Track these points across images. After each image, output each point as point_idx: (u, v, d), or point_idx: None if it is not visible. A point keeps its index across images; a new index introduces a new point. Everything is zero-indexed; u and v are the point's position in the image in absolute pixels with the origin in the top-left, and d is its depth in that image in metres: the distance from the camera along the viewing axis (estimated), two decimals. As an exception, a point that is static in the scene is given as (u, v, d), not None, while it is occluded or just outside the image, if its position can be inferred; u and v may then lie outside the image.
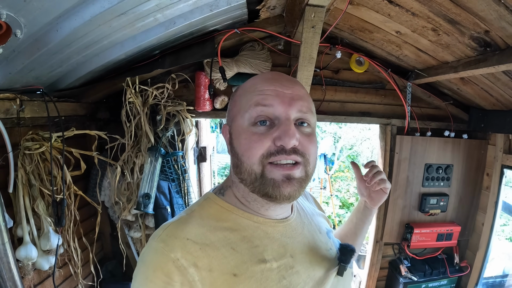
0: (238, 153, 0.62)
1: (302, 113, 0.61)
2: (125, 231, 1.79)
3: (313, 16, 1.18)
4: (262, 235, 0.64)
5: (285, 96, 0.61)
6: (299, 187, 0.60)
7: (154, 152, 1.65)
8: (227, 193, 0.69)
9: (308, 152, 0.61)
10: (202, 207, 0.67)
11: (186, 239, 0.57)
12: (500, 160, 1.73)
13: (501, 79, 1.43)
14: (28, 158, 1.26)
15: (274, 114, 0.60)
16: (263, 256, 0.61)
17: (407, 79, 1.86)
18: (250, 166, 0.59)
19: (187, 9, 1.27)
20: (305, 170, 0.61)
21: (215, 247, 0.58)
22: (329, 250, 0.73)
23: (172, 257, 0.54)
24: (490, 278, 1.88)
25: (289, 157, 0.58)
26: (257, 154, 0.59)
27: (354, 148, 6.54)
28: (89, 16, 1.05)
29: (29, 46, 1.07)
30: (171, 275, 0.53)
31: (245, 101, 0.63)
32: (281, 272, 0.61)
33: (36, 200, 1.28)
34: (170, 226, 0.61)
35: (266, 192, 0.59)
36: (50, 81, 1.39)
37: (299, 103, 0.61)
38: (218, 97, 1.81)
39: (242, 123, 0.62)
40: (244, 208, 0.66)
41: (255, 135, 0.59)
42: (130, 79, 1.61)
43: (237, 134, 0.63)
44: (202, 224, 0.61)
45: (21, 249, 1.21)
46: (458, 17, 1.15)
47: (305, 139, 0.61)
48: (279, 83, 0.62)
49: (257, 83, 0.64)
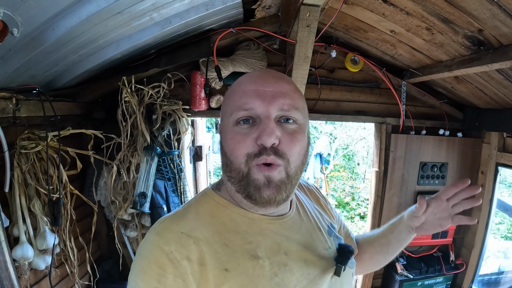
0: (227, 153, 0.63)
1: (284, 110, 0.61)
2: (121, 231, 1.79)
3: (308, 15, 1.19)
4: (256, 232, 0.64)
5: (266, 94, 0.61)
6: (278, 190, 0.60)
7: (150, 151, 1.66)
8: (223, 189, 0.69)
9: (289, 152, 0.60)
10: (199, 202, 0.68)
11: (181, 233, 0.59)
12: (495, 158, 1.75)
13: (495, 78, 1.44)
14: (24, 158, 1.26)
15: (255, 113, 0.60)
16: (256, 252, 0.61)
17: (402, 78, 1.87)
18: (238, 166, 0.60)
19: (183, 8, 1.28)
20: (285, 171, 0.60)
21: (208, 242, 0.59)
22: (328, 249, 0.72)
23: (166, 250, 0.56)
24: (486, 276, 1.90)
25: (268, 158, 0.58)
26: (242, 154, 0.60)
27: (350, 148, 6.57)
28: (85, 15, 1.05)
29: (26, 45, 1.07)
30: (165, 267, 0.54)
31: (231, 101, 0.64)
32: (274, 269, 0.61)
33: (32, 200, 1.29)
34: (166, 220, 0.62)
35: (248, 193, 0.60)
36: (46, 80, 1.39)
37: (280, 101, 0.61)
38: (214, 96, 1.82)
39: (227, 123, 0.63)
40: (238, 205, 0.67)
41: (238, 135, 0.61)
42: (126, 78, 1.61)
43: (224, 134, 0.65)
44: (197, 219, 0.62)
45: (17, 248, 1.21)
46: (451, 16, 1.16)
47: (287, 137, 0.60)
48: (262, 81, 0.63)
49: (242, 82, 0.66)
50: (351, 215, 5.25)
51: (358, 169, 6.49)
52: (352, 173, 6.44)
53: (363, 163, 6.40)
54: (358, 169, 6.49)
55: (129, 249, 1.84)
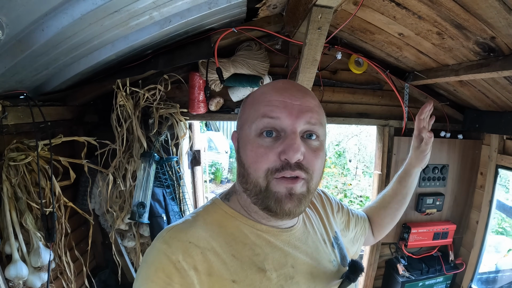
0: (245, 164, 0.61)
1: (310, 124, 0.60)
2: (118, 241, 1.70)
3: (319, 17, 1.14)
4: (264, 244, 0.64)
5: (294, 107, 0.60)
6: (298, 203, 0.59)
7: (147, 158, 1.57)
8: (232, 199, 0.69)
9: (312, 168, 0.60)
10: (207, 211, 0.67)
11: (188, 242, 0.58)
12: (495, 160, 1.76)
13: (500, 83, 1.44)
14: (13, 170, 1.16)
15: (280, 126, 0.59)
16: (263, 264, 0.61)
17: (405, 80, 1.85)
18: (256, 179, 0.59)
19: (185, 6, 1.20)
20: (307, 185, 0.60)
21: (216, 253, 0.59)
22: (333, 262, 0.72)
23: (174, 259, 0.55)
24: (484, 274, 1.94)
25: (293, 172, 0.58)
26: (263, 168, 0.58)
27: (341, 145, 6.61)
28: (79, 14, 0.96)
29: (12, 47, 0.97)
30: (172, 276, 0.54)
31: (253, 110, 0.62)
32: (280, 282, 0.61)
33: (24, 214, 1.19)
34: (174, 228, 0.61)
35: (267, 205, 0.59)
36: (35, 84, 1.28)
37: (307, 115, 0.60)
38: (213, 98, 1.74)
39: (249, 133, 0.61)
40: (247, 216, 0.66)
41: (260, 148, 0.59)
42: (120, 81, 1.51)
43: (244, 144, 0.63)
44: (205, 229, 0.62)
45: (10, 267, 1.12)
46: (466, 22, 1.13)
47: (311, 154, 0.60)
48: (288, 94, 0.61)
49: (266, 92, 0.64)
50: (343, 211, 5.29)
51: (349, 166, 6.54)
52: (343, 169, 6.49)
53: (354, 160, 6.46)
54: (349, 166, 6.54)
55: (126, 259, 1.76)
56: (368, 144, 6.01)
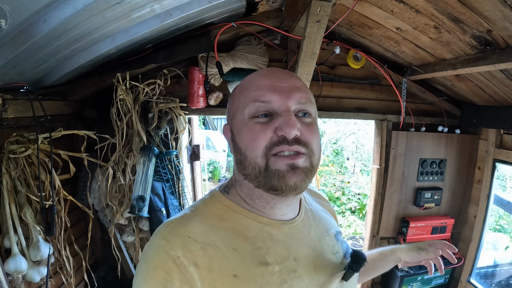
0: (241, 148, 0.61)
1: (302, 104, 0.61)
2: (117, 236, 1.70)
3: (319, 11, 1.14)
4: (266, 237, 0.62)
5: (283, 89, 0.60)
6: (304, 177, 0.58)
7: (147, 152, 1.57)
8: (232, 191, 0.67)
9: (311, 142, 0.60)
10: (206, 204, 0.66)
11: (188, 237, 0.57)
12: (492, 155, 1.78)
13: (497, 77, 1.45)
14: (13, 163, 1.16)
15: (272, 108, 0.59)
16: (265, 258, 0.60)
17: (403, 75, 1.86)
18: (254, 160, 0.58)
19: (185, 0, 1.20)
20: (309, 160, 0.59)
21: (216, 247, 0.58)
22: (335, 254, 0.72)
23: (173, 255, 0.54)
24: (482, 268, 1.95)
25: (291, 147, 0.57)
26: (261, 146, 0.58)
27: (339, 143, 6.63)
28: (81, 5, 0.96)
29: (14, 38, 0.97)
30: (171, 272, 0.53)
31: (243, 97, 0.63)
32: (283, 275, 0.60)
33: (23, 208, 1.19)
34: (173, 223, 0.60)
35: (272, 185, 0.58)
36: (35, 77, 1.28)
37: (297, 95, 0.61)
38: (213, 93, 1.74)
39: (243, 118, 0.61)
40: (248, 208, 0.65)
41: (257, 125, 0.59)
42: (120, 75, 1.51)
43: (238, 130, 0.62)
44: (205, 223, 0.60)
45: (9, 261, 1.12)
46: (462, 16, 1.15)
47: (307, 129, 0.60)
48: (275, 77, 0.62)
49: (254, 78, 0.64)
50: (342, 209, 5.32)
51: (347, 164, 6.56)
52: (341, 167, 6.51)
53: (352, 158, 6.48)
54: (347, 164, 6.56)
55: (125, 254, 1.75)
56: (366, 142, 6.04)
